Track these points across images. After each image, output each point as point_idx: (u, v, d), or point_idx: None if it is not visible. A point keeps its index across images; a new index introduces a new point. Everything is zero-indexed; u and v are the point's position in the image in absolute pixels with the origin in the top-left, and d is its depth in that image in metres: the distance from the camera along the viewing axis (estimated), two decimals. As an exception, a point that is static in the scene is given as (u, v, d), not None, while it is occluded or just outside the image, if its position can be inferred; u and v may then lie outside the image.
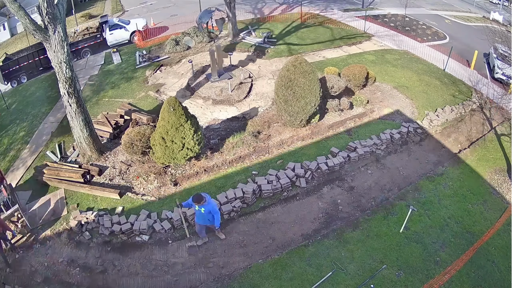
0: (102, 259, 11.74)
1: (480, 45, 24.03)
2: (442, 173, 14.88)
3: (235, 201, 13.01)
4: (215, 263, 11.56)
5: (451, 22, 32.41)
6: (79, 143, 14.62)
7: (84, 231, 12.41)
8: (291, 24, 27.50)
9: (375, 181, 14.33)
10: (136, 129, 14.28)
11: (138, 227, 12.15)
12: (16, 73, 23.13)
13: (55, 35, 12.35)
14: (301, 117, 15.11)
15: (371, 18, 28.94)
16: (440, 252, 12.04)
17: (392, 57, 22.62)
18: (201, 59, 22.23)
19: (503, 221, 13.11)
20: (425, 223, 12.89)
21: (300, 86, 14.54)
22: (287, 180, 13.64)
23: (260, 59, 22.34)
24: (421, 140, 16.25)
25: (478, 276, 11.54)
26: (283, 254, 11.75)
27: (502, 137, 17.11)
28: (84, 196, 13.60)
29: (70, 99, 13.54)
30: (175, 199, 12.95)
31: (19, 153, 16.13)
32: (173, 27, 27.55)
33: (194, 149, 13.42)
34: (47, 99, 20.05)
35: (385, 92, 18.94)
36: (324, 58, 22.24)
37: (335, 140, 15.79)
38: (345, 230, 12.52)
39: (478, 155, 16.04)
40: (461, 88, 20.12)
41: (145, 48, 24.70)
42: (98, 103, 18.94)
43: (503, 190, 14.59)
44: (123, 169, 14.43)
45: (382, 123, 16.84)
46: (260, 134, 15.72)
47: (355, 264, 11.53)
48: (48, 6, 11.75)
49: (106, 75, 22.00)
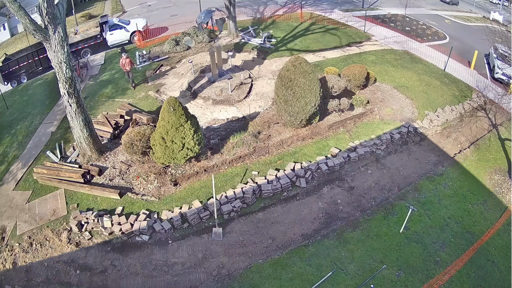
0: (102, 259, 11.74)
1: (480, 45, 24.03)
2: (442, 173, 14.88)
3: (235, 201, 13.02)
4: (215, 263, 11.57)
5: (451, 22, 32.42)
6: (79, 143, 14.62)
7: (84, 231, 12.42)
8: (291, 24, 27.50)
9: (375, 181, 14.34)
10: (136, 129, 14.27)
11: (138, 227, 12.16)
12: (16, 73, 23.14)
13: (55, 35, 12.35)
14: (301, 117, 15.11)
15: (371, 18, 28.94)
16: (440, 252, 12.04)
17: (392, 57, 22.62)
18: (201, 59, 22.23)
19: (503, 221, 13.12)
20: (425, 223, 12.90)
21: (300, 86, 14.54)
22: (287, 180, 13.64)
23: (260, 59, 22.34)
24: (421, 140, 16.25)
25: (478, 276, 11.55)
26: (283, 254, 11.75)
27: (502, 137, 17.12)
28: (84, 196, 13.59)
29: (70, 99, 13.53)
30: (175, 197, 13.00)
31: (19, 153, 16.12)
32: (173, 27, 27.54)
33: (194, 149, 13.42)
34: (47, 99, 20.05)
35: (385, 92, 18.94)
36: (324, 58, 22.24)
37: (335, 140, 15.79)
38: (345, 230, 12.52)
39: (478, 155, 16.04)
40: (461, 88, 20.12)
41: (145, 48, 24.70)
42: (98, 103, 18.94)
43: (503, 190, 14.59)
44: (123, 169, 14.43)
45: (382, 123, 16.84)
46: (260, 134, 15.72)
47: (355, 264, 11.53)
48: (48, 6, 11.75)
49: (106, 75, 21.98)
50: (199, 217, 12.65)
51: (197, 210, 12.61)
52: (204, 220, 12.76)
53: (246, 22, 27.92)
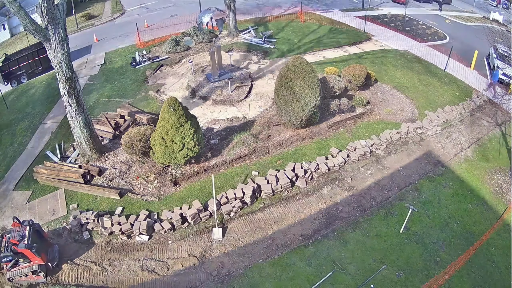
0: (102, 259, 11.74)
1: (480, 45, 24.00)
2: (442, 173, 14.88)
3: (235, 201, 13.01)
4: (215, 263, 11.57)
5: (451, 22, 32.40)
6: (79, 143, 14.61)
7: (84, 231, 12.41)
8: (291, 24, 27.48)
9: (375, 181, 14.33)
10: (136, 129, 14.28)
11: (138, 227, 12.15)
12: (16, 73, 23.13)
13: (55, 35, 12.36)
14: (301, 117, 15.09)
15: (371, 18, 28.91)
16: (440, 252, 12.04)
17: (392, 57, 22.61)
18: (201, 59, 22.22)
19: (503, 221, 13.11)
20: (425, 223, 12.90)
21: (300, 86, 14.53)
22: (287, 180, 13.63)
23: (260, 59, 22.34)
24: (421, 140, 16.24)
25: (478, 276, 11.55)
26: (283, 254, 11.75)
27: (502, 137, 17.11)
28: (84, 196, 13.59)
29: (70, 99, 13.53)
30: (175, 197, 13.00)
31: (19, 153, 16.12)
32: (173, 27, 27.52)
33: (194, 149, 13.41)
34: (47, 99, 20.04)
35: (385, 92, 18.94)
36: (324, 58, 22.23)
37: (335, 140, 15.78)
38: (345, 230, 12.52)
39: (478, 155, 16.03)
40: (461, 88, 20.12)
41: (145, 48, 24.67)
42: (98, 103, 18.93)
43: (503, 190, 14.58)
44: (123, 169, 14.43)
45: (382, 123, 16.83)
46: (260, 134, 15.71)
47: (355, 264, 11.53)
48: (48, 6, 11.76)
49: (106, 75, 21.98)
50: (199, 217, 12.65)
51: (197, 210, 12.60)
52: (204, 220, 12.76)
53: (246, 22, 27.90)
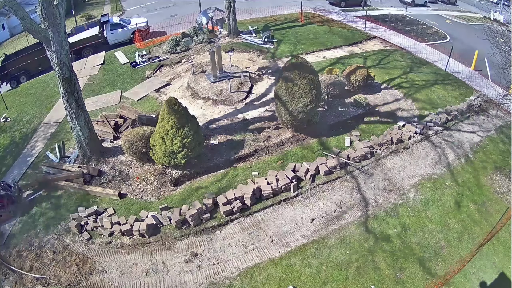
0: (102, 259, 11.73)
1: (481, 45, 23.98)
2: (442, 173, 14.87)
3: (235, 202, 12.99)
4: (215, 263, 11.56)
5: (452, 22, 32.39)
6: (79, 144, 14.60)
7: (84, 231, 12.40)
8: (292, 24, 27.47)
9: (376, 181, 14.32)
10: (136, 129, 14.27)
11: (137, 227, 12.14)
12: (16, 73, 23.10)
13: (55, 35, 12.34)
14: (301, 117, 15.07)
15: (371, 18, 28.90)
16: (440, 252, 12.04)
17: (393, 57, 22.60)
18: (201, 59, 22.20)
19: (503, 222, 13.10)
20: (425, 223, 12.90)
21: (300, 86, 14.51)
22: (287, 180, 13.61)
23: (260, 59, 22.30)
24: (421, 140, 16.22)
25: (478, 276, 11.55)
26: (283, 254, 11.75)
27: (503, 137, 17.10)
28: (84, 197, 13.58)
29: (70, 99, 13.52)
30: (175, 198, 12.97)
31: (19, 153, 16.12)
32: (173, 27, 27.51)
33: (194, 149, 13.40)
34: (47, 99, 20.03)
35: (386, 92, 18.92)
36: (324, 58, 22.21)
37: (335, 140, 15.77)
38: (345, 230, 12.52)
39: (479, 155, 16.02)
40: (462, 88, 20.10)
41: (144, 48, 24.65)
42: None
43: (503, 190, 14.57)
44: (123, 169, 14.41)
45: (382, 123, 16.81)
46: (260, 134, 15.70)
47: (355, 264, 11.53)
48: (47, 7, 11.75)
49: (105, 75, 21.96)
50: (198, 218, 12.63)
51: (197, 210, 12.58)
52: (204, 221, 12.74)
53: (246, 22, 27.88)
